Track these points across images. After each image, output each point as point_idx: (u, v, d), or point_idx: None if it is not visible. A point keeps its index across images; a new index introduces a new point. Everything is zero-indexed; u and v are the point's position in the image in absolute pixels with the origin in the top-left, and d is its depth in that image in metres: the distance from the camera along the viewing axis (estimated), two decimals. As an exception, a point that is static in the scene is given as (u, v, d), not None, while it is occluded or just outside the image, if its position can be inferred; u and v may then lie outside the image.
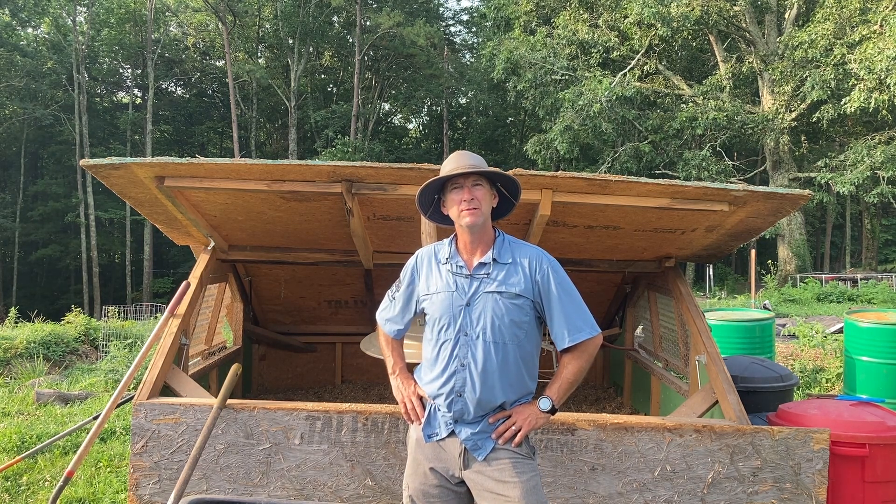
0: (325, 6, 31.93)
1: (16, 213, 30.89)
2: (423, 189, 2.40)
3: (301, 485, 3.05)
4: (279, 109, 35.82)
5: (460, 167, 2.29)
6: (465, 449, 2.27)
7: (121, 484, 4.11)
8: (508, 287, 2.28)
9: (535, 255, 2.34)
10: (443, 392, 2.30)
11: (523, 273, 2.30)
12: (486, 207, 2.30)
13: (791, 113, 21.47)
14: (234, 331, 5.32)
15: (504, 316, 2.26)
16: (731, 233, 3.87)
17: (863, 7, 19.61)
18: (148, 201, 3.63)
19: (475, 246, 2.34)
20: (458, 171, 2.27)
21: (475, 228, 2.29)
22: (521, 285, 2.28)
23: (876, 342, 5.30)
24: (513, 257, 2.33)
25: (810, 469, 3.02)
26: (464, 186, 2.28)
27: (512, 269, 2.30)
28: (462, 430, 2.28)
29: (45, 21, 31.27)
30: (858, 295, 16.81)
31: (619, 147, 24.11)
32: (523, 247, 2.39)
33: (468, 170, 2.27)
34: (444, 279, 2.35)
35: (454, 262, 2.36)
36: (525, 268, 2.31)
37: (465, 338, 2.28)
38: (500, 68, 24.10)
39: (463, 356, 2.28)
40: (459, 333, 2.29)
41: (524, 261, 2.32)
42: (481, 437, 2.27)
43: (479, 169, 2.29)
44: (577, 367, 2.29)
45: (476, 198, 2.27)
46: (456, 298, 2.31)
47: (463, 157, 2.35)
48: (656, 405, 4.80)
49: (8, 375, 7.45)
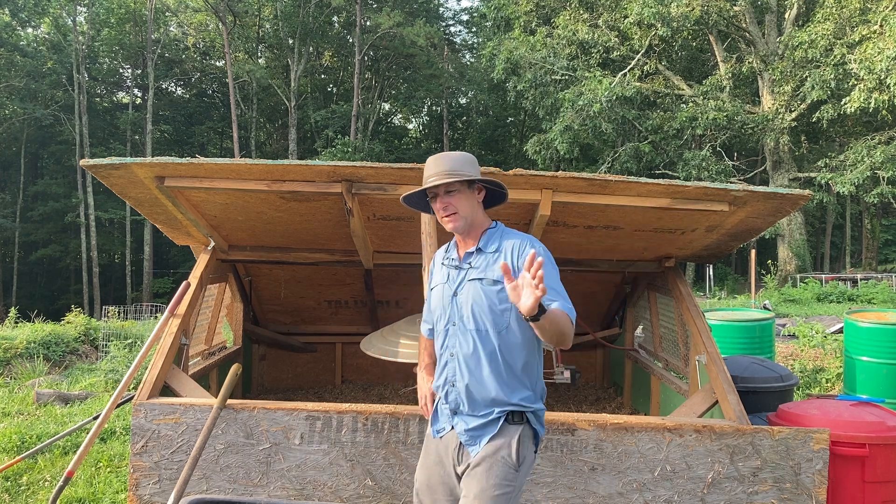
0: (325, 6, 31.93)
1: (16, 213, 30.88)
2: (408, 198, 2.46)
3: (301, 485, 3.05)
4: (279, 109, 35.82)
5: (431, 177, 2.32)
6: (461, 443, 2.28)
7: (121, 484, 4.10)
8: (488, 273, 2.28)
9: (521, 241, 2.31)
10: (440, 383, 2.36)
11: (505, 259, 2.27)
12: (465, 209, 2.31)
13: (791, 113, 21.46)
14: (234, 331, 5.33)
15: (483, 302, 2.26)
16: (731, 233, 3.87)
17: (863, 7, 19.60)
18: (148, 201, 3.63)
19: (466, 240, 2.39)
20: (428, 185, 2.31)
21: (458, 231, 2.34)
22: (500, 271, 2.22)
23: (876, 342, 5.30)
24: (499, 245, 2.33)
25: (810, 469, 3.02)
26: (438, 196, 2.32)
27: (495, 256, 2.31)
28: (458, 423, 2.29)
29: (45, 21, 31.27)
30: (858, 295, 16.79)
31: (619, 147, 24.11)
32: (512, 235, 2.37)
33: (438, 180, 2.28)
34: (442, 273, 2.44)
35: (449, 255, 2.45)
36: (508, 253, 2.29)
37: (453, 328, 2.33)
38: (500, 68, 24.10)
39: (452, 346, 2.33)
40: (448, 324, 2.35)
41: (508, 247, 2.31)
42: (476, 432, 2.24)
43: (449, 178, 2.28)
44: (565, 318, 2.09)
45: (451, 204, 2.30)
46: (446, 289, 2.38)
47: (436, 163, 2.35)
48: (656, 405, 4.80)
49: (8, 375, 7.45)
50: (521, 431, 2.23)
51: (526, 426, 2.26)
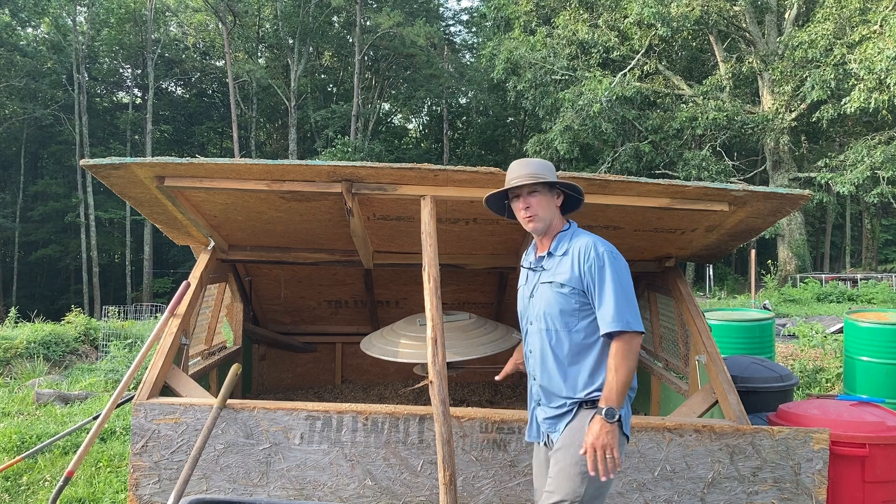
0: (325, 6, 31.91)
1: (16, 213, 30.87)
2: (489, 198, 2.59)
3: (301, 485, 3.05)
4: (279, 109, 35.80)
5: (514, 179, 2.45)
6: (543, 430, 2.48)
7: (121, 484, 4.11)
8: (556, 277, 2.40)
9: (586, 245, 2.39)
10: (528, 377, 2.57)
11: (572, 263, 2.38)
12: (545, 212, 2.44)
13: (791, 113, 21.46)
14: (234, 331, 5.33)
15: (554, 305, 2.39)
16: (731, 233, 3.87)
17: (863, 7, 19.59)
18: (148, 201, 3.63)
19: (542, 242, 2.52)
20: (515, 183, 2.43)
21: (537, 232, 2.47)
22: (566, 275, 2.38)
23: (876, 342, 5.30)
24: (568, 248, 2.42)
25: (810, 469, 3.02)
26: (520, 196, 2.44)
27: (563, 259, 2.42)
28: (540, 413, 2.49)
29: (45, 21, 31.25)
30: (858, 295, 16.78)
31: (619, 147, 24.10)
32: (581, 237, 2.44)
33: (523, 181, 2.42)
34: (523, 275, 2.60)
35: (528, 258, 2.60)
36: (575, 257, 2.38)
37: (531, 327, 2.49)
38: (500, 68, 24.08)
39: (530, 343, 2.49)
40: (527, 324, 2.51)
41: (575, 251, 2.39)
42: (553, 420, 2.41)
43: (533, 180, 2.41)
44: (612, 365, 2.25)
45: (532, 205, 2.42)
46: (525, 291, 2.56)
47: (521, 166, 2.48)
48: (656, 405, 4.80)
49: (8, 375, 7.45)
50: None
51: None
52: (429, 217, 3.16)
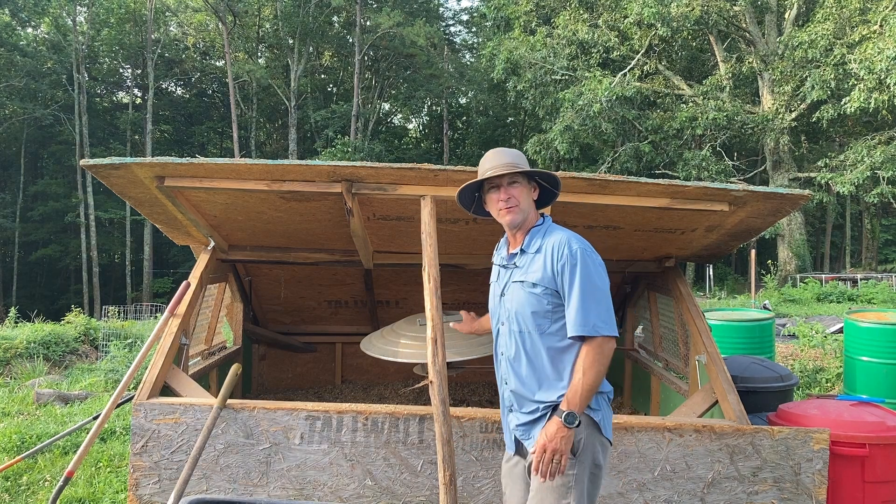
0: (325, 6, 31.91)
1: (16, 213, 30.87)
2: (463, 189, 2.45)
3: (301, 485, 3.05)
4: (279, 109, 35.81)
5: (496, 167, 2.31)
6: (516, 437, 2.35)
7: (121, 484, 4.11)
8: (528, 276, 2.27)
9: (559, 241, 2.24)
10: (498, 381, 2.42)
11: (544, 261, 2.24)
12: (524, 203, 2.31)
13: (791, 113, 21.46)
14: (234, 331, 5.32)
15: (525, 306, 2.25)
16: (731, 233, 3.87)
17: (863, 7, 19.60)
18: (148, 201, 3.63)
19: (515, 237, 2.39)
20: (495, 172, 2.29)
21: (514, 225, 2.33)
22: (539, 274, 2.24)
23: (876, 342, 5.30)
24: (541, 244, 2.28)
25: (810, 469, 3.02)
26: (500, 186, 2.32)
27: (536, 257, 2.28)
28: (512, 419, 2.35)
29: (45, 21, 31.25)
30: (858, 295, 16.79)
31: (619, 147, 24.10)
32: (554, 233, 2.30)
33: (503, 170, 2.29)
34: (494, 271, 2.48)
35: (500, 254, 2.48)
36: (548, 255, 2.24)
37: (502, 327, 2.36)
38: (500, 68, 24.08)
39: (501, 345, 2.37)
40: (498, 324, 2.38)
41: (548, 248, 2.25)
42: (526, 427, 2.28)
43: (514, 169, 2.29)
44: (579, 367, 2.14)
45: (513, 196, 2.29)
46: (496, 289, 2.43)
47: (499, 155, 2.35)
48: (656, 405, 4.80)
49: (8, 375, 7.45)
50: None
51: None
52: (429, 217, 3.16)
